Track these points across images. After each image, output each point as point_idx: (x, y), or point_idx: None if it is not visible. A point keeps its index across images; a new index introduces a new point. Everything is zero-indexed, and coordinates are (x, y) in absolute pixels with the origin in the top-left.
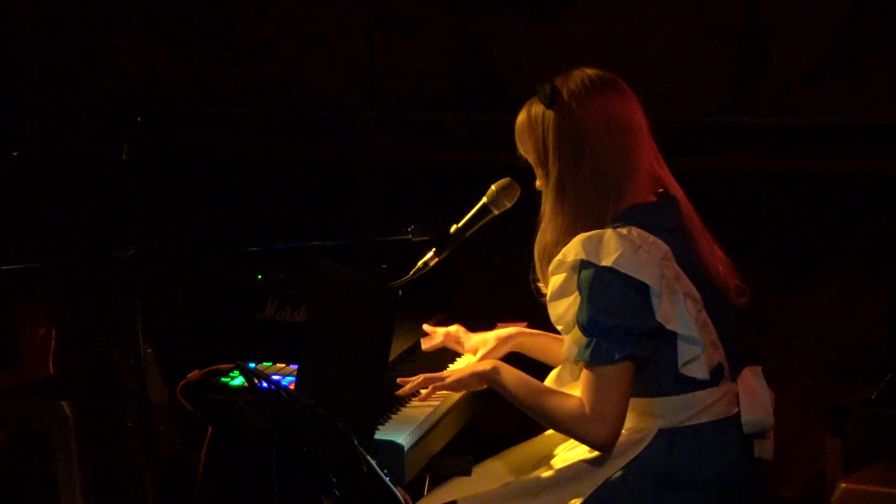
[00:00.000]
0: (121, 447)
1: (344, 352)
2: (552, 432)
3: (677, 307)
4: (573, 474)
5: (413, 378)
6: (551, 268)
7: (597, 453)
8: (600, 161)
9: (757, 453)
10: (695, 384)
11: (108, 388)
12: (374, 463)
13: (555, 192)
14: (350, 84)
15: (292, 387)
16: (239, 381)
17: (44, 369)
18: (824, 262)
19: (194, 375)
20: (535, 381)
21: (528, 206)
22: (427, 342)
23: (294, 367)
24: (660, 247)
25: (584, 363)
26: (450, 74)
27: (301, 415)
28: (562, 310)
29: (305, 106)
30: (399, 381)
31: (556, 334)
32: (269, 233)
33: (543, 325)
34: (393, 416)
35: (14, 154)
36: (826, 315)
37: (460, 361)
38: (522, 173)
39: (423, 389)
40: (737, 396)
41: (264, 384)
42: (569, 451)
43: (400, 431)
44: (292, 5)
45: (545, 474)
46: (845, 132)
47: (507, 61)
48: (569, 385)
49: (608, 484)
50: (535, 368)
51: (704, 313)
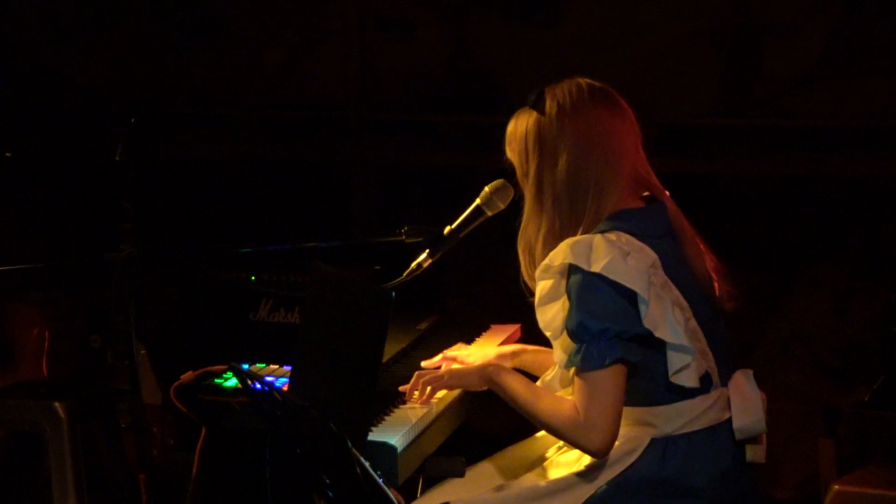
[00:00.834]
0: (114, 448)
1: (337, 353)
2: (543, 434)
3: (666, 315)
4: (566, 484)
5: (412, 382)
6: (538, 273)
7: (590, 461)
8: (577, 162)
9: (749, 458)
10: (686, 393)
11: (101, 389)
12: (367, 464)
13: (533, 188)
14: (344, 86)
15: (286, 388)
16: (232, 382)
17: (37, 371)
18: (817, 265)
19: (188, 377)
20: (535, 386)
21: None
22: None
23: (287, 368)
24: (648, 254)
25: (575, 369)
26: (443, 77)
27: (294, 416)
28: (550, 315)
29: (299, 107)
30: (400, 388)
31: (525, 345)
32: (262, 234)
33: (537, 327)
34: (386, 418)
35: (7, 154)
36: (819, 317)
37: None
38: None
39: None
40: (728, 401)
41: (258, 385)
42: (561, 455)
43: (393, 433)
44: (286, 7)
45: (539, 482)
46: (838, 134)
47: (499, 64)
48: (558, 392)
49: (600, 493)
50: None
51: (694, 321)
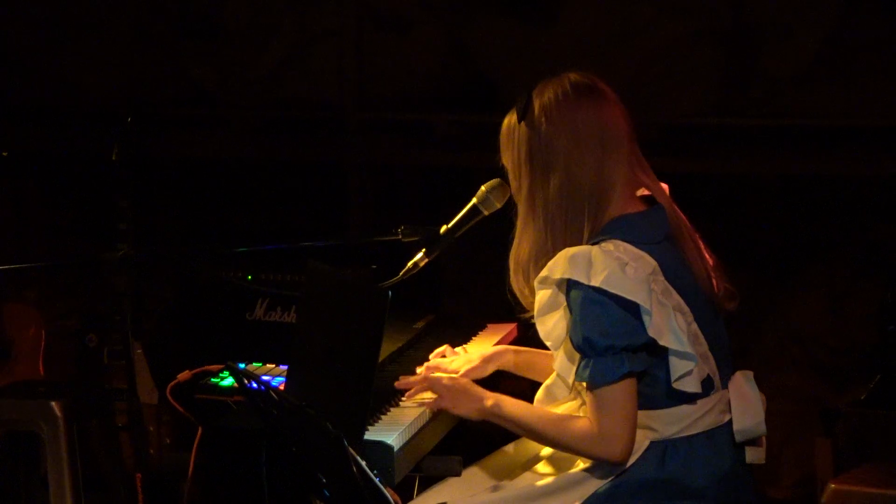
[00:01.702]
0: (111, 447)
1: (334, 352)
2: None
3: (669, 322)
4: (564, 484)
5: (417, 377)
6: (536, 283)
7: (589, 463)
8: (571, 177)
9: (749, 459)
10: (686, 397)
11: (97, 388)
12: (363, 464)
13: (525, 207)
14: (340, 85)
15: (282, 387)
16: (229, 381)
17: (34, 370)
18: (814, 264)
19: (184, 376)
20: (539, 409)
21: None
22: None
23: (284, 367)
24: (647, 262)
25: (585, 384)
26: (440, 76)
27: (291, 415)
28: (550, 325)
29: (296, 107)
30: (402, 378)
31: (542, 349)
32: (259, 233)
33: (533, 326)
34: (383, 417)
35: (3, 154)
36: (816, 317)
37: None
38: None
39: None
40: (728, 403)
41: (254, 385)
42: (557, 454)
43: (390, 432)
44: (283, 6)
45: (536, 482)
46: (835, 134)
47: (496, 63)
48: (562, 400)
49: (599, 493)
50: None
51: (695, 325)
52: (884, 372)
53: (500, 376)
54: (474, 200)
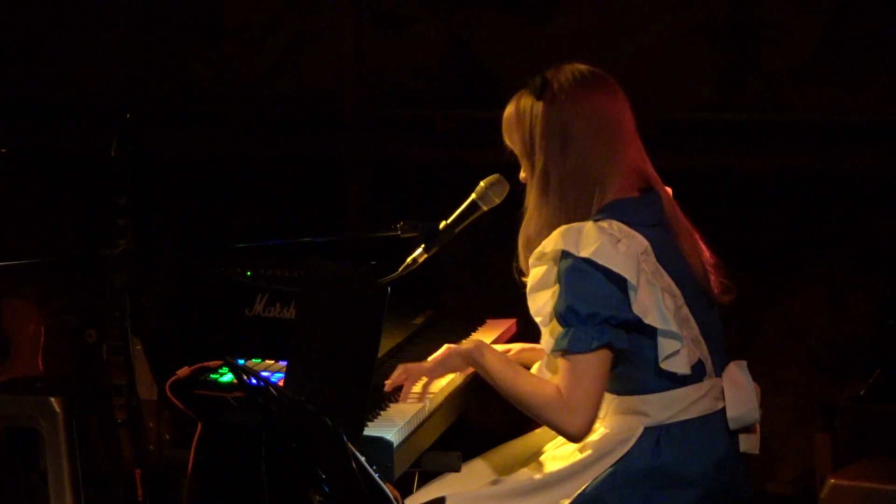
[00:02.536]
0: (110, 443)
1: (333, 348)
2: (541, 430)
3: (655, 301)
4: (561, 475)
5: (393, 375)
6: (532, 260)
7: (585, 455)
8: (584, 156)
9: (743, 448)
10: (678, 380)
11: (97, 384)
12: (363, 459)
13: (539, 183)
14: (339, 81)
15: (281, 383)
16: (228, 377)
17: (33, 366)
18: (813, 260)
19: (183, 372)
20: (517, 366)
21: (516, 203)
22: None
23: (283, 363)
24: (639, 241)
25: (560, 352)
26: (438, 72)
27: (290, 411)
28: (541, 302)
29: (294, 103)
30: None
31: (524, 343)
32: (258, 229)
33: (532, 322)
34: (382, 413)
35: (2, 151)
36: (815, 312)
37: None
38: (511, 170)
39: (415, 386)
40: (722, 391)
41: (253, 380)
42: (557, 449)
43: (389, 428)
44: (281, 3)
45: (534, 475)
46: (833, 129)
47: (495, 59)
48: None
49: (595, 484)
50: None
51: (686, 309)
52: (883, 367)
53: None
54: (473, 196)
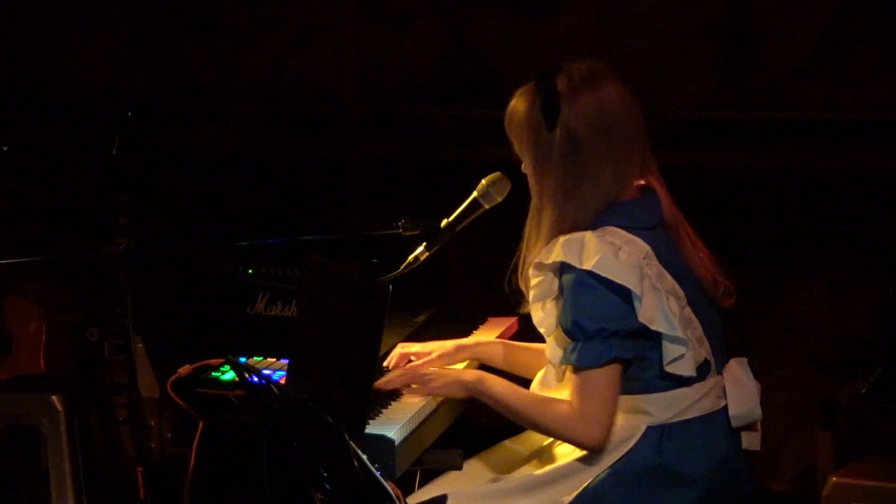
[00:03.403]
0: (112, 442)
1: (335, 346)
2: None
3: (660, 307)
4: (563, 472)
5: (395, 373)
6: (532, 269)
7: (587, 452)
8: (601, 176)
9: (745, 445)
10: (681, 380)
11: (98, 382)
12: (364, 457)
13: (559, 209)
14: (340, 79)
15: (283, 381)
16: (229, 375)
17: (34, 364)
18: (814, 257)
19: (185, 370)
20: (522, 389)
21: (518, 201)
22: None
23: (285, 361)
24: (640, 246)
25: (570, 366)
26: (440, 69)
27: (292, 409)
28: (543, 312)
29: (295, 101)
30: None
31: (520, 342)
32: (259, 227)
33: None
34: (384, 411)
35: (4, 148)
36: (816, 310)
37: None
38: (512, 168)
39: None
40: (724, 389)
41: (255, 379)
42: (558, 447)
43: (391, 426)
44: (282, 0)
45: (535, 472)
46: (835, 127)
47: (496, 56)
48: (554, 387)
49: (597, 481)
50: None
51: (689, 309)
52: (885, 365)
53: (499, 372)
54: (475, 194)
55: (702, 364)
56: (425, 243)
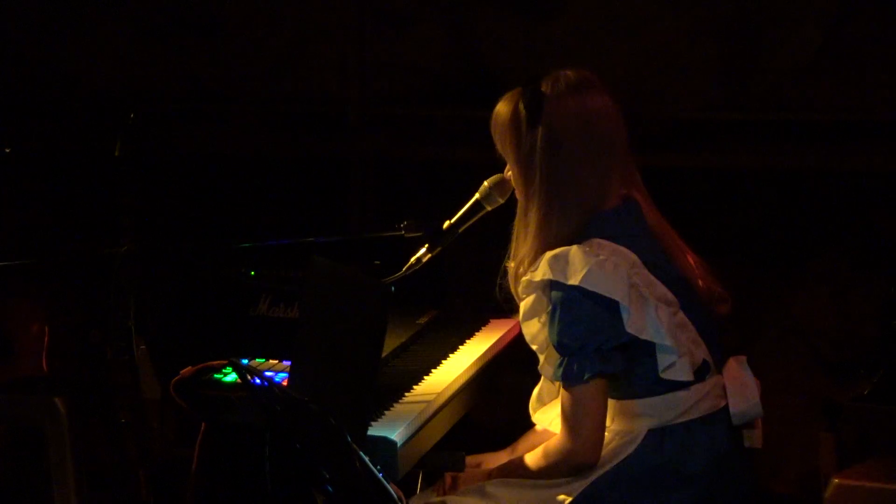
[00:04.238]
0: (114, 443)
1: (337, 348)
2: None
3: (648, 317)
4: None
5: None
6: (521, 288)
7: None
8: (584, 180)
9: (746, 443)
10: (680, 383)
11: (101, 384)
12: (367, 459)
13: (543, 211)
14: (343, 80)
15: (285, 383)
16: (232, 377)
17: (37, 366)
18: (816, 258)
19: (187, 372)
20: (517, 461)
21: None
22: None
23: (287, 363)
24: (626, 256)
25: (559, 383)
26: (442, 70)
27: (294, 411)
28: (535, 329)
29: (298, 102)
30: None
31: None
32: (261, 229)
33: None
34: (386, 412)
35: (6, 150)
36: (818, 311)
37: (457, 355)
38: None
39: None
40: (724, 388)
41: (257, 380)
42: None
43: (393, 427)
44: (284, 1)
45: None
46: (837, 128)
47: (499, 57)
48: (549, 404)
49: (598, 481)
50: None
51: (682, 314)
52: (888, 366)
53: (501, 374)
54: (477, 196)
55: (700, 366)
56: (427, 245)
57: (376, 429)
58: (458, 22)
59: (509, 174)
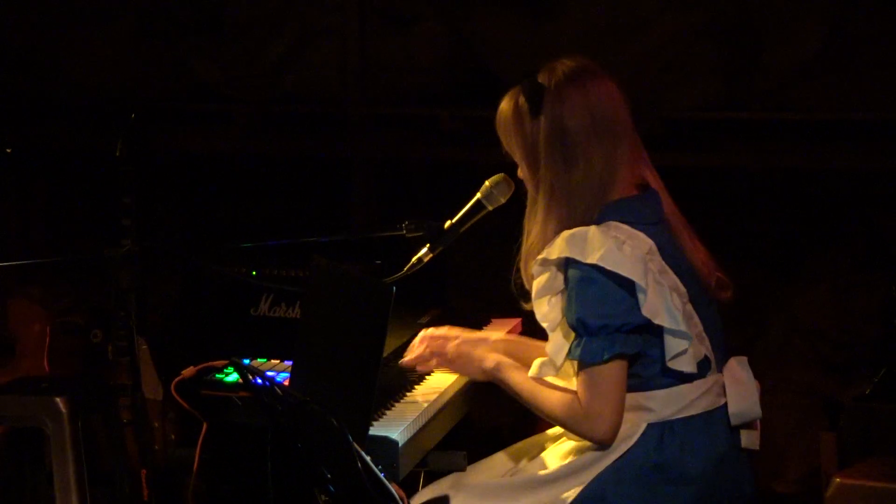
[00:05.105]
0: (116, 443)
1: (338, 348)
2: (550, 430)
3: (664, 301)
4: (563, 472)
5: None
6: (535, 267)
7: (587, 450)
8: (590, 163)
9: (744, 444)
10: (682, 377)
11: (102, 384)
12: (368, 459)
13: (547, 197)
14: (344, 80)
15: (286, 383)
16: (233, 377)
17: (38, 366)
18: (818, 258)
19: (188, 372)
20: (528, 384)
21: (521, 202)
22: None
23: (288, 363)
24: (643, 240)
25: (576, 361)
26: (443, 70)
27: (295, 411)
28: (547, 308)
29: (299, 102)
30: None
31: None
32: (263, 228)
33: (537, 321)
34: (387, 412)
35: (7, 151)
36: (820, 310)
37: None
38: (516, 169)
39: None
40: (724, 387)
41: (258, 380)
42: (559, 445)
43: (395, 427)
44: (285, 1)
45: (537, 471)
46: (839, 127)
47: (500, 57)
48: (550, 377)
49: (598, 479)
50: None
51: (690, 306)
52: (889, 365)
53: None
54: (478, 195)
55: (702, 361)
56: (429, 245)
57: (378, 428)
58: (459, 22)
59: (521, 174)
